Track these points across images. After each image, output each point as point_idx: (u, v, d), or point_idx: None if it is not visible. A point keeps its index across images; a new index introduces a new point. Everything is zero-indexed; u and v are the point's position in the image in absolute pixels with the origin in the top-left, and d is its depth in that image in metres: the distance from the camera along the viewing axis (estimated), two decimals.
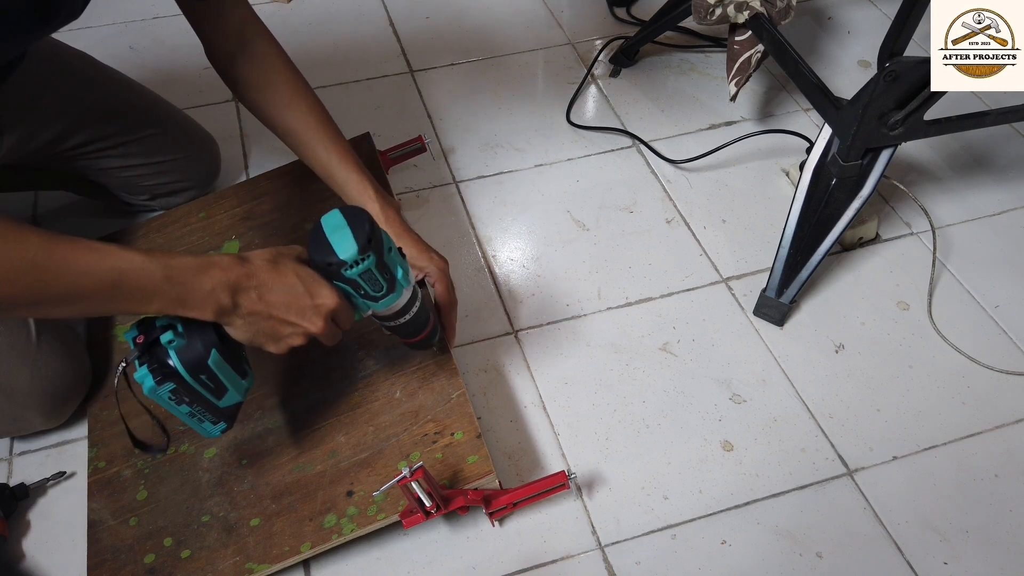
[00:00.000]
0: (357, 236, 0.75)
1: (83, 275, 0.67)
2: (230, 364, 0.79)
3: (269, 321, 0.77)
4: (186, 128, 1.26)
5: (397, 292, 0.81)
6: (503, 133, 1.42)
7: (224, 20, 0.96)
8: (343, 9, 1.67)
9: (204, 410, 0.81)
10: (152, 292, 0.70)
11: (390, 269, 0.79)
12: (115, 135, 1.15)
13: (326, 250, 0.76)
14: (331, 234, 0.76)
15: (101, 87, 1.16)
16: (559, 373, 1.10)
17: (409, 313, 0.86)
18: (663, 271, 1.22)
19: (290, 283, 0.77)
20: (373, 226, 0.77)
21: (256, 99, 0.99)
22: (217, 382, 0.79)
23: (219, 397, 0.81)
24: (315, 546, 0.87)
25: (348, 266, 0.76)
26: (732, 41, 1.32)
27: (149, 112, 1.20)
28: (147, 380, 0.75)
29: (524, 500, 0.93)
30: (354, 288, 0.79)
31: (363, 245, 0.75)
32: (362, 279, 0.78)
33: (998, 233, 1.28)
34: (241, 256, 0.76)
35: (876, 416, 1.06)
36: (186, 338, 0.75)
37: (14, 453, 1.02)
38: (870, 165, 1.12)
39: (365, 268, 0.76)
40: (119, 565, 0.89)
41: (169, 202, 1.24)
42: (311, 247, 0.77)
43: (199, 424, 0.83)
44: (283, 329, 0.78)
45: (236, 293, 0.74)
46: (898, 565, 0.94)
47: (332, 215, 0.77)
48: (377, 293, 0.80)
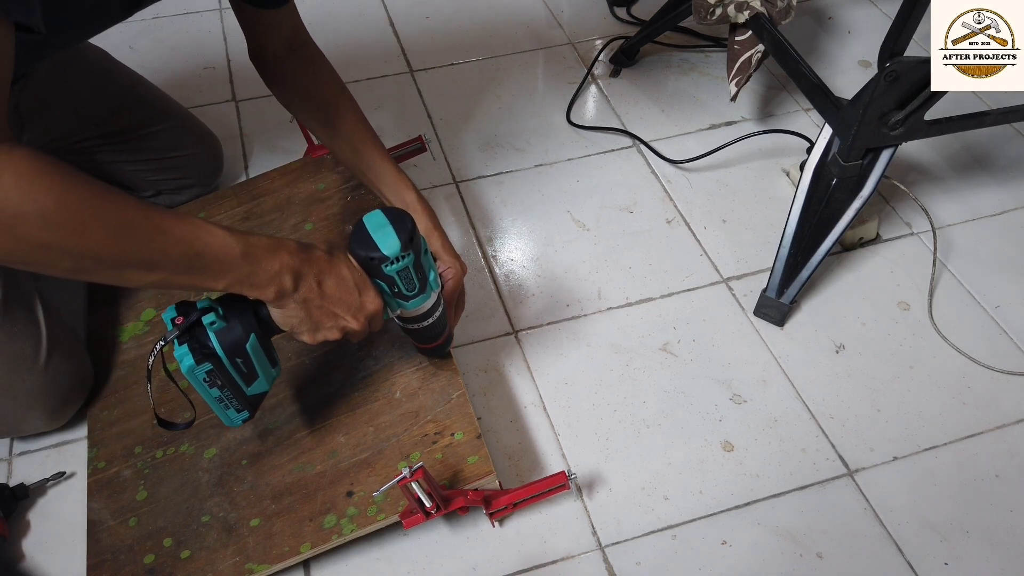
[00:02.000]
0: (400, 234, 0.79)
1: (174, 243, 0.69)
2: (264, 351, 0.82)
3: (319, 310, 0.79)
4: (192, 125, 1.27)
5: (427, 294, 0.84)
6: (503, 133, 1.42)
7: (278, 26, 1.00)
8: (343, 9, 1.67)
9: (232, 396, 0.83)
10: (228, 267, 0.72)
11: (424, 270, 0.83)
12: (128, 129, 1.17)
13: (370, 245, 0.79)
14: (374, 231, 0.79)
15: (116, 82, 1.18)
16: (559, 373, 1.10)
17: (432, 317, 0.88)
18: (663, 271, 1.22)
19: (344, 276, 0.79)
20: (414, 226, 0.81)
21: (298, 93, 1.03)
22: (250, 367, 0.81)
23: (249, 383, 0.83)
24: (315, 546, 0.87)
25: (390, 262, 0.79)
26: (732, 41, 1.32)
27: (159, 108, 1.23)
28: (186, 359, 0.77)
29: (524, 500, 0.93)
30: (389, 285, 0.82)
31: (405, 242, 0.79)
32: (399, 276, 0.81)
33: (998, 233, 1.28)
34: (304, 243, 0.78)
35: (877, 416, 1.06)
36: (227, 320, 0.78)
37: (14, 453, 1.02)
38: (871, 165, 1.12)
39: (404, 266, 0.80)
40: (119, 565, 0.88)
41: (174, 199, 1.25)
42: (353, 242, 0.80)
43: (224, 410, 0.84)
44: (327, 320, 0.80)
45: (298, 277, 0.76)
46: (898, 565, 0.93)
47: (375, 214, 0.80)
48: (410, 292, 0.83)
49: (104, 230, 0.64)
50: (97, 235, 0.64)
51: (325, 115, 1.01)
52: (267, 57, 1.02)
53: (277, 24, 1.00)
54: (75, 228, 0.63)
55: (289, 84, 1.03)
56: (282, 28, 1.01)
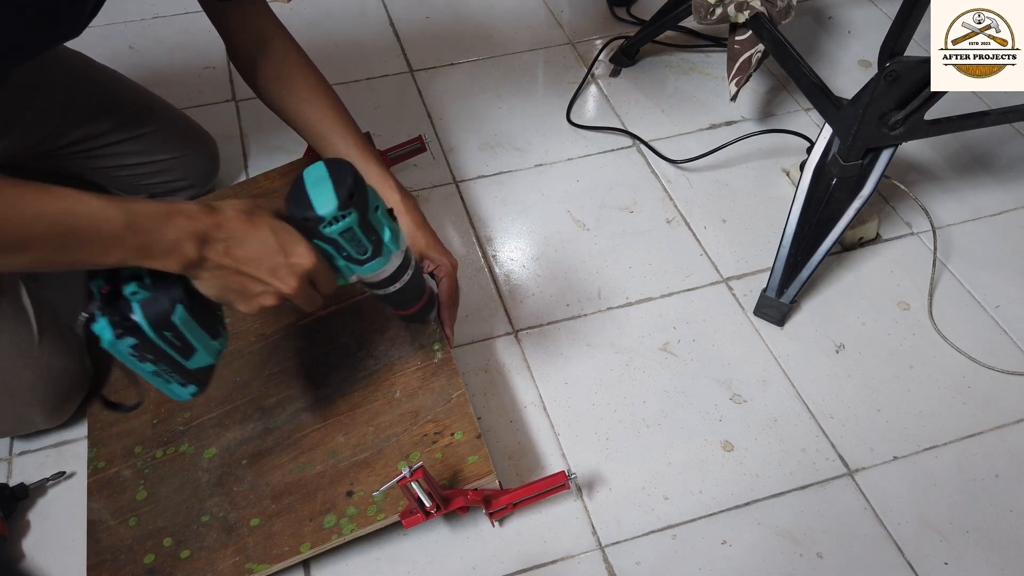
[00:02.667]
0: (338, 190, 0.70)
1: (35, 218, 0.61)
2: (199, 322, 0.74)
3: (238, 276, 0.72)
4: (182, 127, 1.25)
5: (384, 256, 0.76)
6: (503, 133, 1.42)
7: (246, 21, 0.97)
8: (343, 9, 1.67)
9: (170, 370, 0.75)
10: (112, 240, 0.65)
11: (376, 229, 0.74)
12: (109, 133, 1.15)
13: (303, 204, 0.70)
14: (311, 187, 0.70)
15: (95, 85, 1.15)
16: (559, 373, 1.10)
17: (399, 281, 0.80)
18: (663, 271, 1.22)
19: (263, 237, 0.71)
20: (357, 180, 0.71)
21: (275, 95, 1.00)
22: (184, 341, 0.73)
23: (187, 357, 0.75)
24: (315, 546, 0.87)
25: (327, 223, 0.71)
26: (732, 41, 1.32)
27: (144, 110, 1.20)
28: (105, 332, 0.70)
29: (524, 500, 0.93)
30: (335, 248, 0.74)
31: (344, 200, 0.70)
32: (343, 238, 0.72)
33: (999, 233, 1.28)
34: (211, 205, 0.71)
35: (877, 416, 1.06)
36: (152, 291, 0.70)
37: (14, 453, 1.02)
38: (871, 165, 1.12)
39: (346, 226, 0.71)
40: (119, 565, 0.88)
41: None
42: (289, 200, 0.72)
43: (166, 385, 0.77)
44: (253, 286, 0.73)
45: (203, 244, 0.69)
46: (898, 565, 0.93)
47: (315, 168, 0.72)
48: (361, 256, 0.75)
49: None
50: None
51: (304, 115, 0.98)
52: (240, 57, 0.99)
53: (245, 21, 0.96)
54: None
55: (265, 85, 1.00)
56: (252, 25, 0.97)
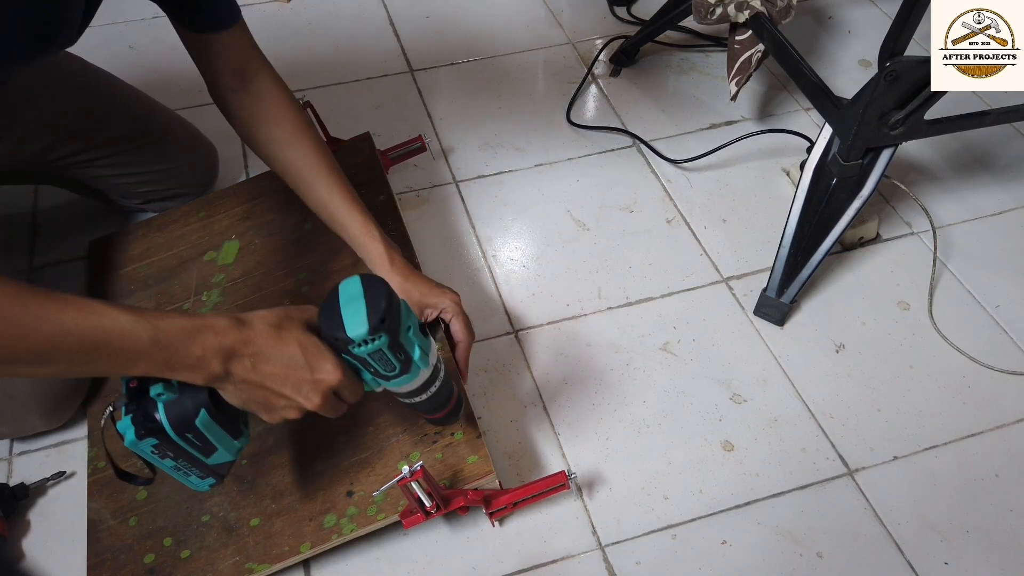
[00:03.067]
0: (370, 313, 0.69)
1: (62, 334, 0.61)
2: (221, 425, 0.74)
3: (262, 391, 0.72)
4: (182, 135, 1.23)
5: (412, 373, 0.75)
6: (503, 133, 1.42)
7: (225, 54, 0.93)
8: (343, 9, 1.67)
9: (190, 465, 0.76)
10: (137, 355, 0.65)
11: (405, 349, 0.73)
12: (106, 144, 1.13)
13: (335, 323, 0.70)
14: (345, 305, 0.70)
15: (92, 95, 1.13)
16: (559, 373, 1.10)
17: (427, 392, 0.80)
18: (663, 271, 1.22)
19: (290, 353, 0.71)
20: (391, 302, 0.70)
21: (257, 136, 0.96)
22: (205, 441, 0.74)
23: (207, 455, 0.75)
24: (315, 546, 0.87)
25: (357, 344, 0.70)
26: (732, 41, 1.32)
27: (142, 120, 1.18)
28: (129, 432, 0.71)
29: (524, 500, 0.93)
30: (363, 365, 0.74)
31: (375, 325, 0.69)
32: (372, 358, 0.72)
33: (998, 233, 1.28)
34: (241, 318, 0.71)
35: (877, 416, 1.06)
36: (177, 393, 0.70)
37: (14, 453, 1.02)
38: (871, 165, 1.12)
39: (375, 348, 0.70)
40: (119, 565, 0.89)
41: (164, 206, 1.23)
42: (322, 315, 0.72)
43: (185, 477, 0.78)
44: (277, 401, 0.73)
45: (229, 360, 0.69)
46: (898, 565, 0.93)
47: (351, 282, 0.71)
48: (389, 373, 0.74)
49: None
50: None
51: (288, 160, 0.94)
52: (219, 91, 0.95)
53: (223, 52, 0.92)
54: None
55: (243, 122, 0.96)
56: (230, 57, 0.93)
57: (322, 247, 1.13)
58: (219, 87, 0.95)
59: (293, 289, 1.10)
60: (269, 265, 1.13)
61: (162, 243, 1.19)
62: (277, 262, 1.13)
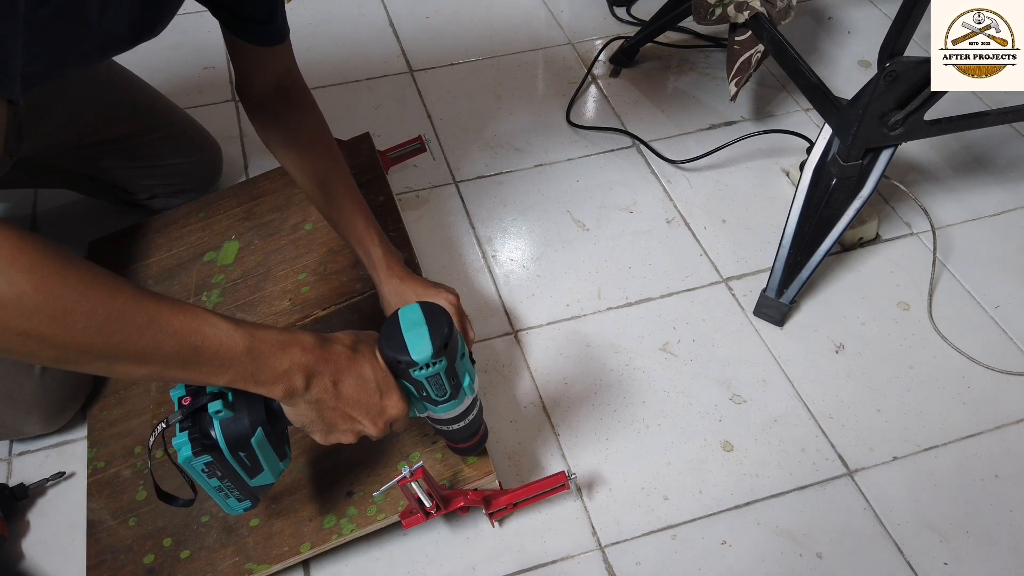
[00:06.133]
0: (434, 338, 0.72)
1: (168, 335, 0.62)
2: (272, 445, 0.75)
3: (334, 412, 0.72)
4: (192, 132, 1.26)
5: (459, 399, 0.79)
6: (503, 133, 1.42)
7: (270, 66, 0.96)
8: (343, 9, 1.67)
9: (233, 487, 0.76)
10: (230, 363, 0.65)
11: (458, 375, 0.76)
12: (126, 136, 1.16)
13: (399, 347, 0.72)
14: (407, 330, 0.72)
15: (115, 89, 1.16)
16: (559, 373, 1.10)
17: (465, 420, 0.83)
18: (663, 271, 1.22)
19: (365, 376, 0.72)
20: (452, 329, 0.73)
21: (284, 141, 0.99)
22: (255, 461, 0.75)
23: (252, 476, 0.76)
24: (315, 546, 0.87)
25: (419, 367, 0.72)
26: (732, 41, 1.32)
27: (158, 115, 1.21)
28: (184, 448, 0.71)
29: (524, 500, 0.93)
30: (417, 389, 0.76)
31: (439, 348, 0.72)
32: (428, 382, 0.74)
33: (998, 233, 1.28)
34: (323, 337, 0.72)
35: (876, 416, 1.06)
36: (235, 410, 0.71)
37: (14, 453, 1.02)
38: (870, 165, 1.12)
39: (435, 372, 0.73)
40: (119, 565, 0.89)
41: (169, 202, 1.24)
42: (384, 340, 0.73)
43: (224, 499, 0.78)
44: (342, 423, 0.74)
45: (311, 376, 0.69)
46: (898, 565, 0.93)
47: (411, 309, 0.74)
48: (440, 397, 0.77)
49: (88, 319, 0.57)
50: (80, 324, 0.57)
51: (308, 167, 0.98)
52: (253, 94, 0.98)
53: (268, 63, 0.96)
54: (55, 316, 0.55)
55: (272, 127, 0.99)
56: (273, 68, 0.97)
57: (322, 247, 1.13)
58: (253, 92, 0.98)
59: (293, 289, 1.10)
60: (269, 265, 1.13)
61: (162, 243, 1.19)
62: (277, 262, 1.13)
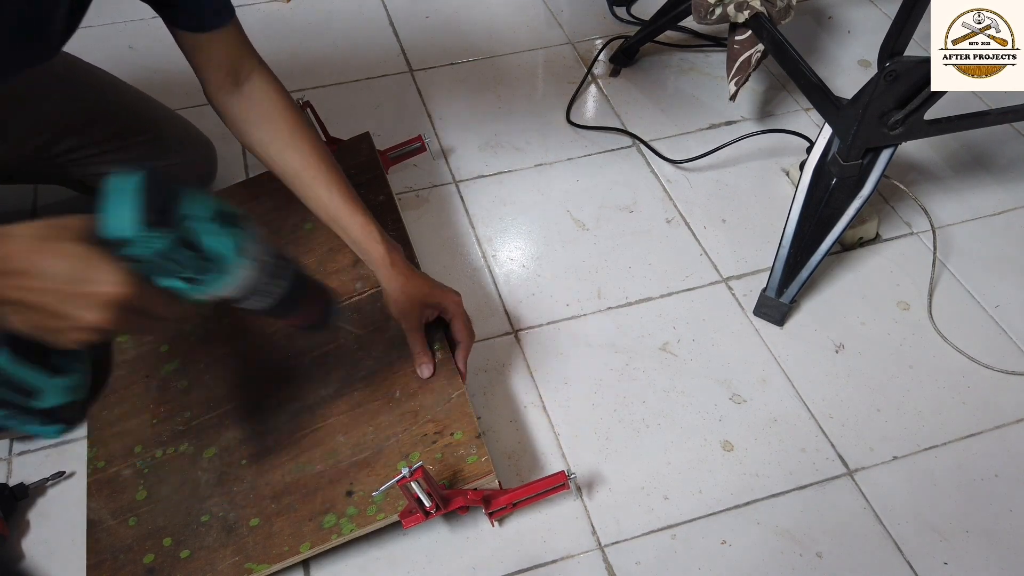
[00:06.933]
0: (143, 206, 0.58)
1: None
2: (33, 361, 0.64)
3: (29, 311, 0.61)
4: (180, 133, 1.23)
5: (228, 273, 0.63)
6: (503, 133, 1.42)
7: (217, 54, 0.90)
8: (343, 9, 1.67)
9: (19, 412, 0.66)
10: None
11: (206, 244, 0.61)
12: (103, 142, 1.13)
13: (100, 223, 0.59)
14: (112, 199, 0.59)
15: (88, 92, 1.13)
16: (559, 373, 1.10)
17: (271, 296, 0.68)
18: (663, 271, 1.22)
19: (56, 268, 0.60)
20: (176, 194, 0.59)
21: (252, 137, 0.94)
22: (17, 384, 0.64)
23: (30, 398, 0.65)
24: (314, 546, 0.87)
25: (126, 245, 0.59)
26: (732, 41, 1.32)
27: (139, 117, 1.17)
28: None
29: (524, 500, 0.93)
30: (160, 270, 0.61)
31: (150, 220, 0.58)
32: (162, 259, 0.60)
33: (998, 233, 1.28)
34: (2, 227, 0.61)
35: (876, 416, 1.06)
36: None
37: (14, 453, 1.02)
38: (870, 165, 1.12)
39: (159, 248, 0.59)
40: (119, 565, 0.88)
41: None
42: (95, 216, 0.60)
43: (23, 426, 0.67)
44: (52, 322, 0.61)
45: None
46: (898, 565, 0.93)
47: (123, 177, 0.60)
48: (199, 276, 0.62)
49: None
50: None
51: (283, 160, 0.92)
52: (214, 91, 0.92)
53: (216, 52, 0.89)
54: None
55: (240, 124, 0.94)
56: (222, 57, 0.90)
57: (322, 247, 1.13)
58: (212, 88, 0.93)
59: None
60: None
61: None
62: None
